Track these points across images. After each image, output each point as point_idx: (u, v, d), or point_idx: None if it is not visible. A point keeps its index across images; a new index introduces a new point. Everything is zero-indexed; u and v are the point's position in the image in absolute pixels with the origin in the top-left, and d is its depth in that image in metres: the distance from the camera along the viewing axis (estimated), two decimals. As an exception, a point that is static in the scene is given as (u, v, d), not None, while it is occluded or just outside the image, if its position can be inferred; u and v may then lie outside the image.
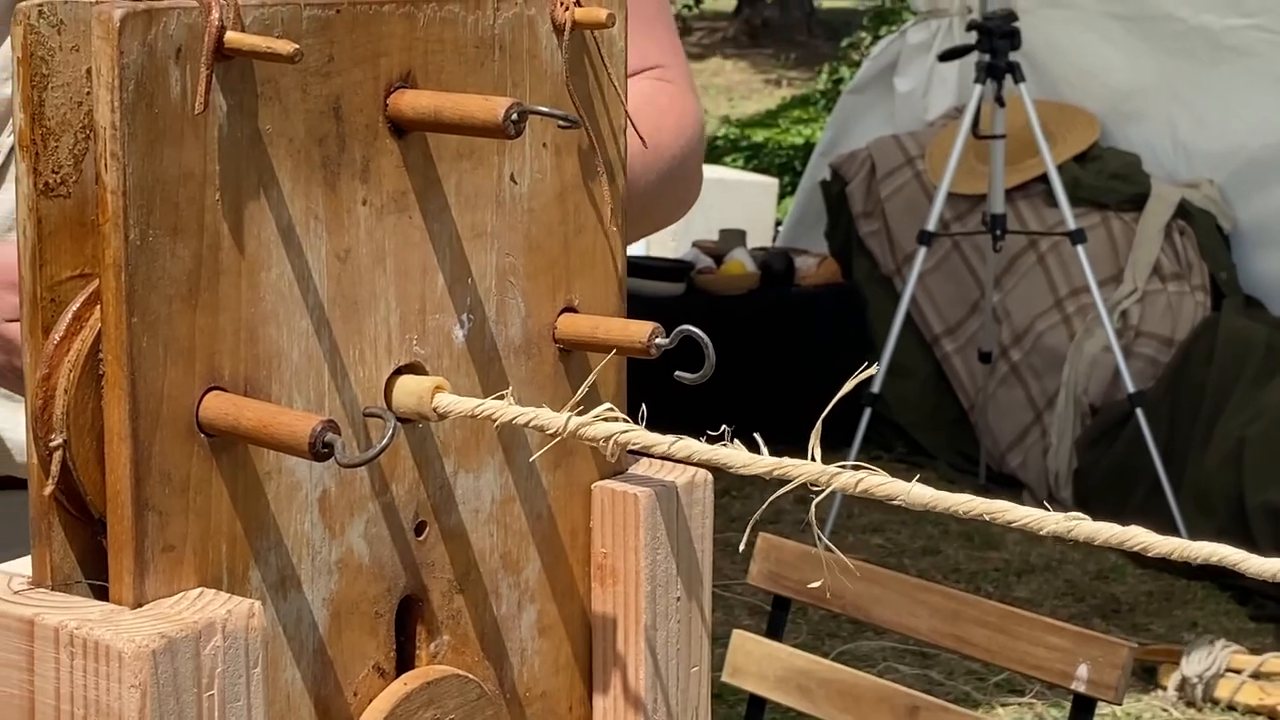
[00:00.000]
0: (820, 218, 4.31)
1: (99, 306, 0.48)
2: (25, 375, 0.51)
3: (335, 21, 0.51)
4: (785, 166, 6.81)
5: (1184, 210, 3.57)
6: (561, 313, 0.61)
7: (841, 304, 4.01)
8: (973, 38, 3.30)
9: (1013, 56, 3.18)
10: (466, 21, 0.56)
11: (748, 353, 3.60)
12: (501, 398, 0.49)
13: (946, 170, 3.32)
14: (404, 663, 0.57)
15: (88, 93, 0.50)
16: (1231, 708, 2.69)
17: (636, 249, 4.86)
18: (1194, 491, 3.24)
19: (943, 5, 4.09)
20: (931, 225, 3.36)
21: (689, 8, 9.53)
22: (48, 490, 0.50)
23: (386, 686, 0.56)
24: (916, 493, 0.41)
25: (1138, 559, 3.08)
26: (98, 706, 0.46)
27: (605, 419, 0.48)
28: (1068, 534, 0.39)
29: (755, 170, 6.57)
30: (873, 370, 0.53)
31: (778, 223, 5.38)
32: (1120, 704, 1.67)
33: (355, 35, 0.52)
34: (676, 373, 0.56)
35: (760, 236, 4.88)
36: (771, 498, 0.47)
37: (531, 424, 0.49)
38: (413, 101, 0.53)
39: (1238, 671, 2.70)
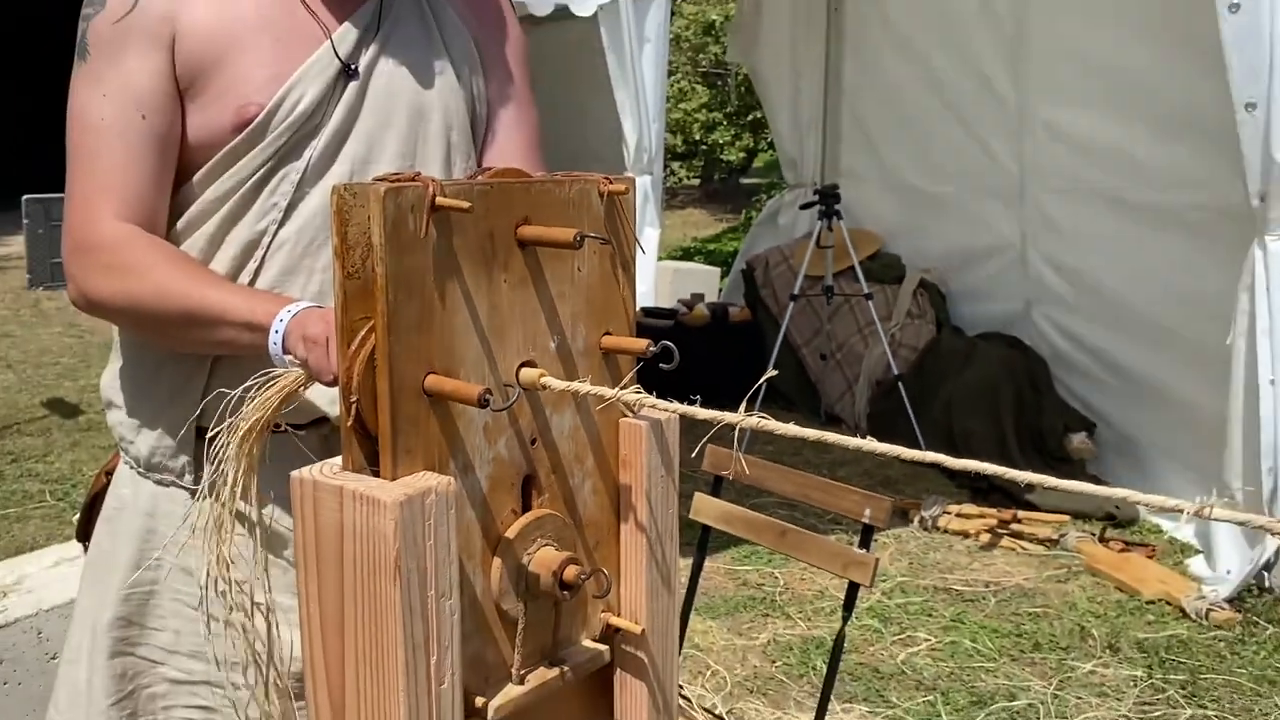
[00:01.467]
0: (740, 288, 5.89)
1: (373, 334, 0.80)
2: (338, 367, 0.82)
3: (490, 191, 0.83)
4: (723, 262, 9.27)
5: (923, 283, 5.02)
6: (603, 335, 0.94)
7: (753, 331, 5.58)
8: (817, 196, 4.86)
9: (837, 207, 4.73)
10: (556, 190, 0.88)
11: (705, 357, 4.97)
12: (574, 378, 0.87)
13: (803, 263, 4.85)
14: (526, 508, 0.89)
15: (368, 228, 0.79)
16: (945, 531, 3.80)
17: (647, 301, 6.96)
18: (928, 423, 4.53)
19: (803, 180, 5.93)
20: (795, 291, 4.73)
21: (674, 175, 12.26)
22: (349, 424, 0.82)
23: (517, 519, 0.88)
24: (791, 430, 0.74)
25: (905, 464, 4.34)
26: (372, 530, 0.77)
27: (632, 391, 0.82)
28: (871, 450, 0.71)
29: (709, 263, 8.98)
30: (773, 373, 0.95)
31: (720, 290, 7.49)
32: (886, 529, 2.64)
33: (500, 197, 0.84)
34: (661, 365, 0.89)
35: (711, 297, 6.96)
36: (712, 430, 0.79)
37: (590, 392, 0.84)
38: (528, 231, 0.85)
39: (949, 513, 3.87)
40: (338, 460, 0.84)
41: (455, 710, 0.83)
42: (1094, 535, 3.72)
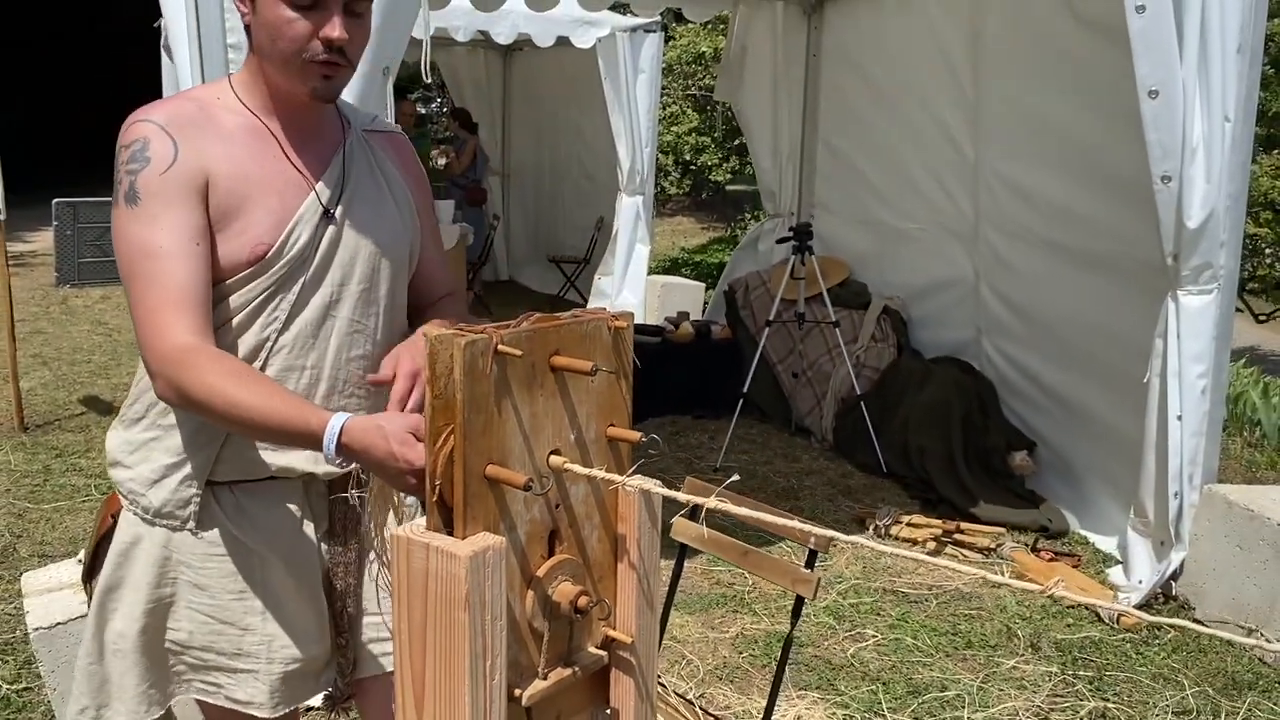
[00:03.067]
0: (722, 308, 6.18)
1: (452, 437, 1.09)
2: (426, 460, 1.12)
3: (532, 334, 1.15)
4: (708, 274, 9.53)
5: (887, 310, 5.32)
6: (609, 426, 1.25)
7: (733, 349, 5.88)
8: (792, 233, 5.23)
9: (810, 243, 5.16)
10: (577, 328, 1.19)
11: (690, 372, 5.72)
12: (589, 466, 1.18)
13: (779, 289, 5.20)
14: (551, 554, 1.21)
15: (450, 365, 1.08)
16: (896, 539, 4.06)
17: (637, 317, 7.24)
18: (887, 438, 4.87)
19: (781, 210, 6.26)
20: (771, 316, 5.11)
21: (665, 193, 12.63)
22: (433, 498, 1.12)
23: (545, 562, 1.20)
24: (745, 513, 1.07)
25: (865, 475, 4.95)
26: (449, 574, 1.07)
27: (640, 478, 1.15)
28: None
29: (694, 278, 9.24)
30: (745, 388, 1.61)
31: (704, 306, 7.77)
32: (827, 553, 3.12)
33: (539, 337, 1.15)
34: (650, 451, 1.40)
35: (695, 311, 7.27)
36: (681, 491, 1.10)
37: (600, 476, 1.17)
38: (558, 361, 1.17)
39: (900, 522, 4.16)
40: (421, 521, 1.15)
41: (501, 699, 1.14)
42: (1027, 546, 4.04)
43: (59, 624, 2.50)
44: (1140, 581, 3.60)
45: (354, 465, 1.48)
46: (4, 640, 3.21)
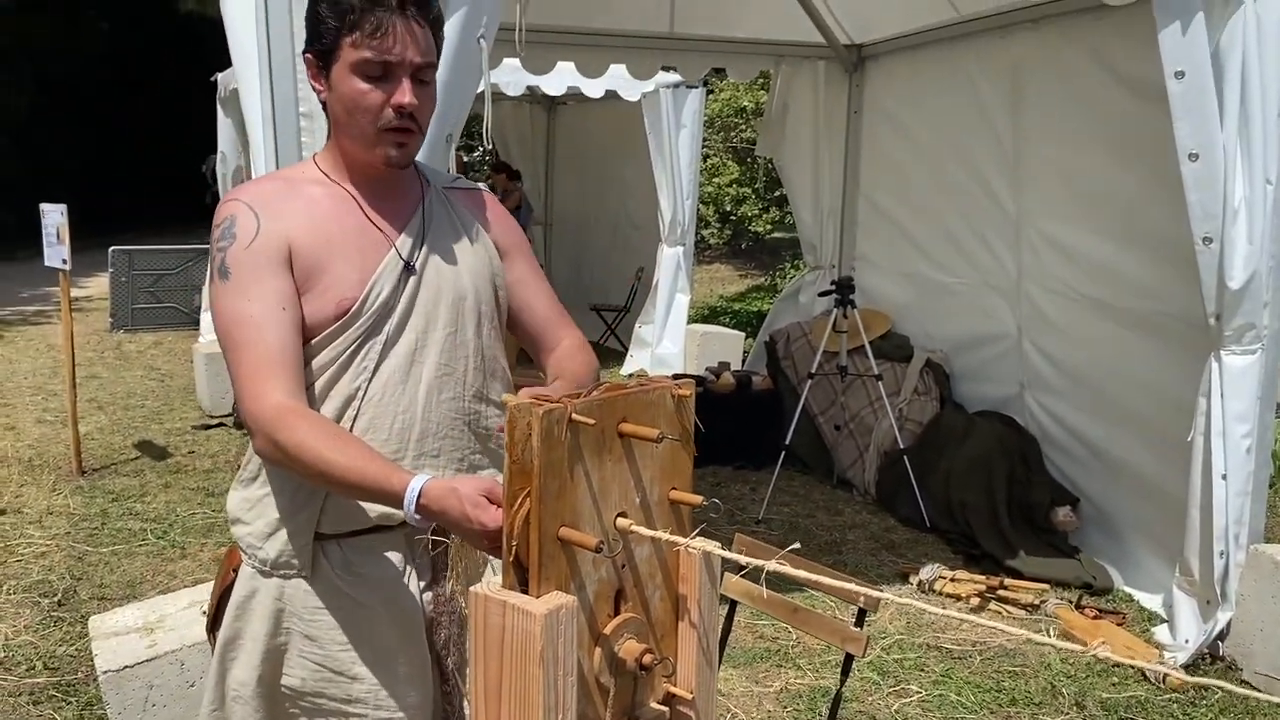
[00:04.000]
0: (763, 358, 6.29)
1: (528, 501, 1.16)
2: (503, 522, 1.19)
3: (603, 402, 1.21)
4: (747, 323, 9.65)
5: (930, 363, 5.39)
6: (671, 489, 1.32)
7: (774, 400, 5.99)
8: (834, 286, 5.31)
9: (851, 297, 5.26)
10: (643, 396, 1.26)
11: (732, 421, 5.70)
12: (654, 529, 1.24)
13: (822, 341, 5.36)
14: (617, 613, 1.27)
15: (528, 432, 1.15)
16: (940, 594, 4.08)
17: (676, 365, 7.29)
18: (930, 493, 4.91)
19: (821, 263, 6.35)
20: (813, 369, 5.19)
21: (705, 243, 12.87)
22: (510, 559, 1.19)
23: (611, 621, 1.26)
24: (808, 577, 1.13)
25: (908, 529, 5.02)
26: (525, 630, 1.14)
27: (703, 541, 1.22)
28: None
29: (733, 326, 9.37)
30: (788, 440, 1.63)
31: (744, 355, 7.80)
32: (875, 613, 2.86)
33: (608, 405, 1.22)
34: (711, 514, 1.31)
35: (735, 361, 7.32)
36: (733, 548, 1.62)
37: (665, 539, 1.23)
38: (626, 428, 1.24)
39: (944, 578, 4.18)
40: (497, 580, 1.22)
41: (570, 750, 1.21)
42: (1071, 602, 4.04)
43: (126, 667, 2.59)
44: (1187, 641, 3.59)
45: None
46: (67, 681, 3.31)
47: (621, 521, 1.26)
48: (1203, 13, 3.21)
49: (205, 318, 8.22)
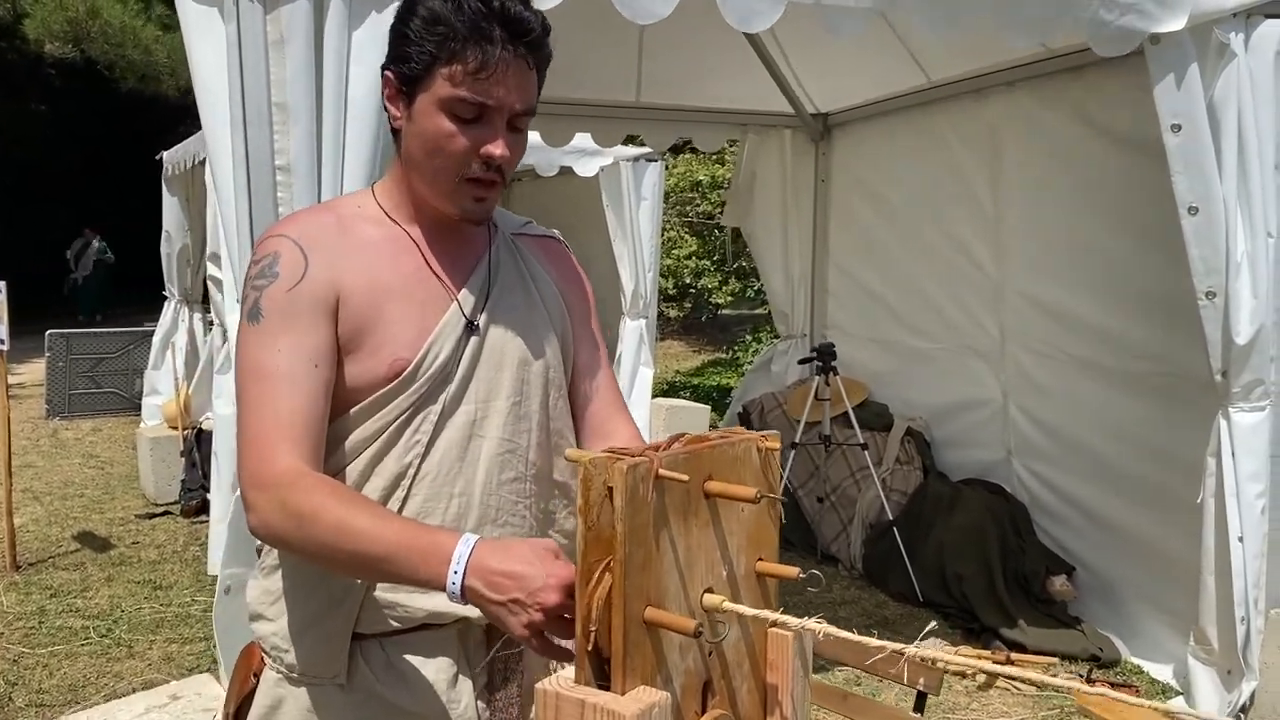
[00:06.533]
0: None
1: (607, 575, 0.97)
2: (577, 602, 0.99)
3: (690, 457, 1.05)
4: (708, 397, 9.62)
5: (910, 431, 5.24)
6: (757, 560, 1.15)
7: None
8: (815, 353, 5.17)
9: (834, 363, 5.07)
10: (729, 449, 1.09)
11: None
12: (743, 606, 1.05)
13: (803, 411, 5.19)
14: (704, 709, 1.09)
15: (604, 492, 0.98)
16: (944, 672, 4.24)
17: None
18: (922, 566, 4.69)
19: (793, 332, 6.26)
20: (796, 439, 5.22)
21: (661, 316, 12.97)
22: (588, 647, 0.99)
23: (702, 715, 1.08)
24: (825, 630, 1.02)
25: (901, 604, 4.19)
26: None
27: (797, 620, 1.03)
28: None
29: (697, 399, 9.33)
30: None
31: (710, 429, 7.69)
32: (938, 695, 3.00)
33: (694, 461, 1.04)
34: (810, 589, 1.28)
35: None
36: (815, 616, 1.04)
37: (755, 615, 1.04)
38: (715, 487, 1.06)
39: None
40: (565, 674, 1.02)
41: None
42: (1081, 676, 3.86)
43: (77, 785, 2.30)
44: (1209, 714, 3.42)
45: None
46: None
47: (710, 599, 1.07)
48: (1197, 64, 3.17)
49: (148, 403, 7.88)
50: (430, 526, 1.31)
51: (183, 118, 12.56)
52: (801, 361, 5.68)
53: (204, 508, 6.04)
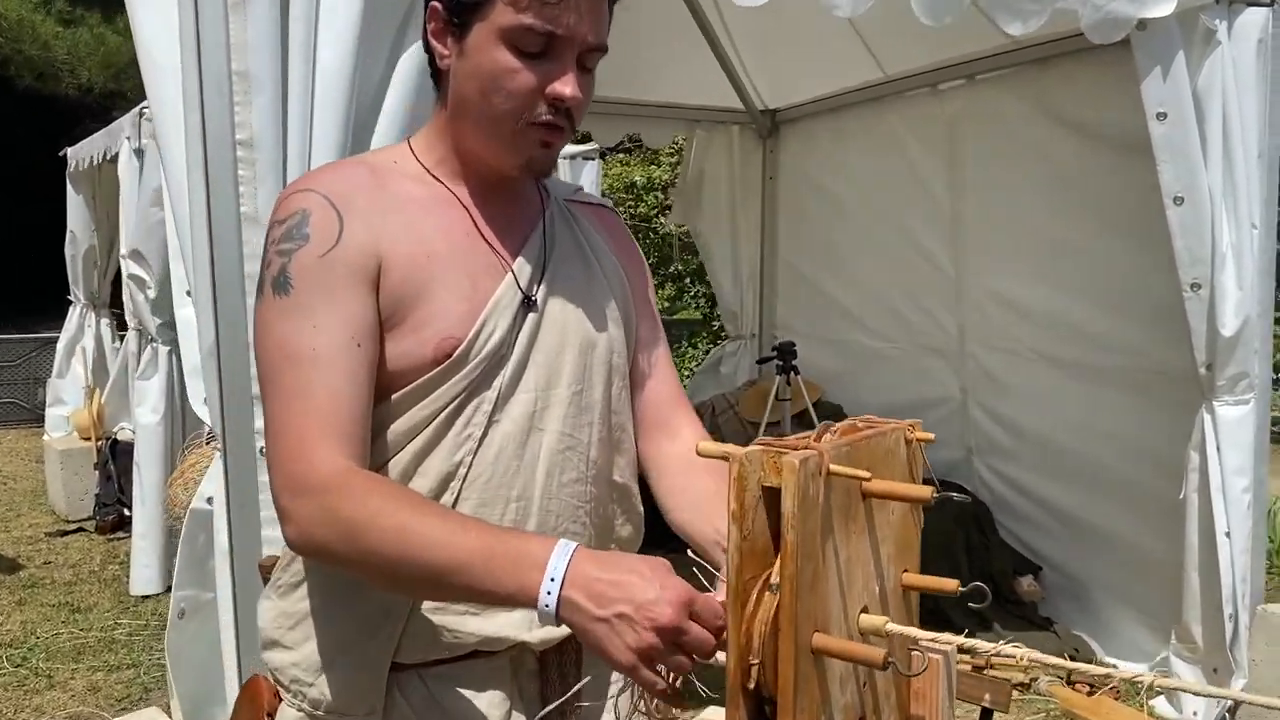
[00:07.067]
0: None
1: (764, 594, 0.80)
2: (729, 628, 0.81)
3: (850, 449, 0.87)
4: None
5: None
6: (903, 572, 0.99)
7: None
8: (775, 352, 4.96)
9: (794, 362, 4.85)
10: (881, 442, 0.93)
11: (648, 501, 5.36)
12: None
13: (764, 412, 4.95)
14: None
15: (759, 494, 0.80)
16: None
17: None
18: None
19: (742, 332, 6.08)
20: (758, 440, 5.22)
21: None
22: (749, 685, 0.81)
23: None
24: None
25: None
26: None
27: (951, 639, 0.89)
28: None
29: None
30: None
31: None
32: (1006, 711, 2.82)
33: (853, 454, 0.88)
34: (971, 604, 1.30)
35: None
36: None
37: (933, 639, 0.90)
38: (878, 487, 0.88)
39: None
40: (711, 714, 0.83)
41: None
42: (1061, 679, 3.77)
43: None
44: (1195, 714, 3.36)
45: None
46: None
47: (868, 620, 0.90)
48: (1183, 51, 3.11)
49: (52, 413, 7.39)
50: (513, 530, 1.12)
51: (83, 116, 11.95)
52: (760, 361, 5.54)
53: (122, 523, 5.67)
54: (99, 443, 6.05)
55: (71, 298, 7.83)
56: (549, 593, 0.96)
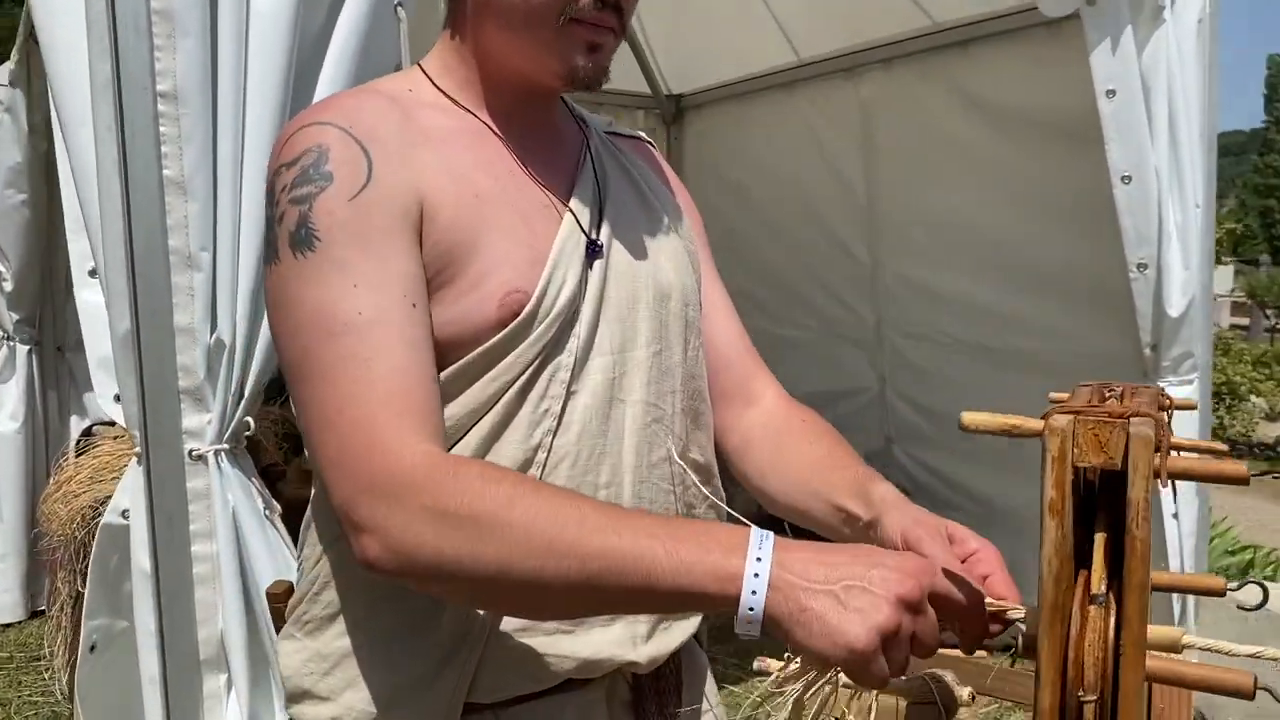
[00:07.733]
0: None
1: (1090, 607, 0.62)
2: (1045, 651, 0.63)
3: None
4: None
5: None
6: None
7: None
8: None
9: None
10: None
11: None
12: None
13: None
14: None
15: (1075, 477, 0.63)
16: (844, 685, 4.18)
17: None
18: None
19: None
20: None
21: None
22: (1091, 707, 0.61)
23: None
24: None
25: None
26: None
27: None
28: None
29: None
30: None
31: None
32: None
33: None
34: (1241, 608, 0.92)
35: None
36: None
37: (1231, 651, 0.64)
38: (1185, 465, 0.75)
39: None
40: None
41: None
42: (1008, 666, 3.72)
43: None
44: (1144, 696, 3.34)
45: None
46: None
47: (1163, 632, 0.70)
48: (1131, 27, 3.07)
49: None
50: (677, 516, 0.95)
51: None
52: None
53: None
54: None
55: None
56: (756, 575, 0.75)
